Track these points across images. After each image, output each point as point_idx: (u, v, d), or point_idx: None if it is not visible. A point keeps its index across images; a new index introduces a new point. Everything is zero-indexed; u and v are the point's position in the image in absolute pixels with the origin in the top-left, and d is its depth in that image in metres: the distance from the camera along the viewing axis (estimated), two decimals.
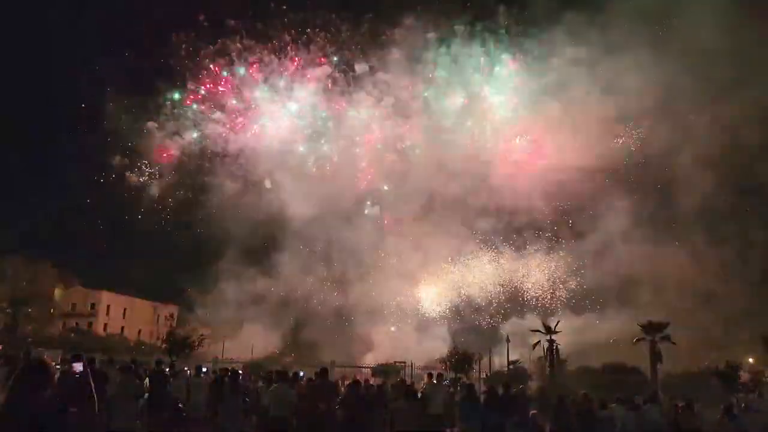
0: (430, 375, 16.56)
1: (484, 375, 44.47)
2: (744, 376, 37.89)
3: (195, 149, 65.34)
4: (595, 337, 50.81)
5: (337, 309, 63.08)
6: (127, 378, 12.54)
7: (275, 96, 65.74)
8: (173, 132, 64.33)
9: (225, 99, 65.86)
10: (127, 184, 64.12)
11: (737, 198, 55.74)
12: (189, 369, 20.68)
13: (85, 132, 67.39)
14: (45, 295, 57.95)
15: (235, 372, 14.96)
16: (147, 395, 13.33)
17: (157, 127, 63.62)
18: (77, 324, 61.71)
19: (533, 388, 33.43)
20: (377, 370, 45.25)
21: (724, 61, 54.41)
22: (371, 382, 22.14)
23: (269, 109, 65.80)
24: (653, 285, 55.89)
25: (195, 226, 62.51)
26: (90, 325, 63.84)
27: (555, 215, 63.57)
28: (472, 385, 15.65)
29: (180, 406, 13.97)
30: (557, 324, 46.22)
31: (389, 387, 17.30)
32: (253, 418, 13.94)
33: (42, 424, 3.83)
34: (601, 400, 15.55)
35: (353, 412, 12.31)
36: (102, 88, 62.26)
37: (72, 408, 4.14)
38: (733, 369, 35.49)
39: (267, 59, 64.91)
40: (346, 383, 17.99)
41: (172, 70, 64.06)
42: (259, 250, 63.01)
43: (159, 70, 63.38)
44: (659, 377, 39.14)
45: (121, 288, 68.87)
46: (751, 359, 45.71)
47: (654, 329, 41.18)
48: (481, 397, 14.89)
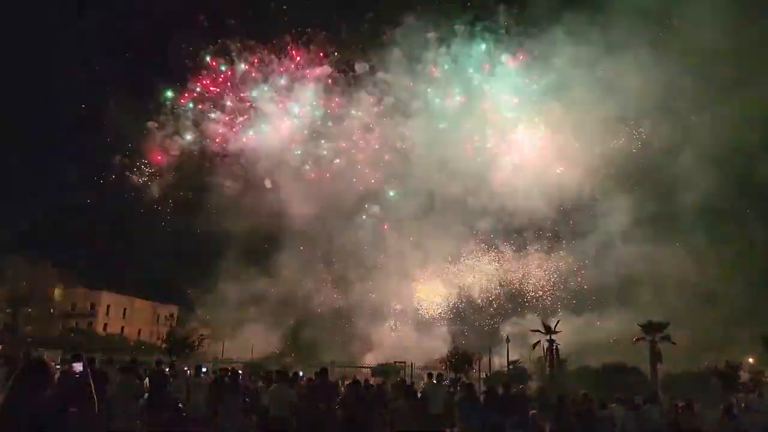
0: (430, 375, 16.58)
1: (484, 375, 44.46)
2: (744, 376, 37.87)
3: (195, 149, 65.44)
4: (595, 337, 50.82)
5: (337, 309, 63.20)
6: (127, 378, 12.53)
7: (275, 96, 65.83)
8: (173, 132, 64.45)
9: (225, 99, 65.96)
10: (127, 184, 64.22)
11: (738, 198, 55.84)
12: (189, 369, 20.70)
13: (85, 132, 67.42)
14: (45, 295, 57.91)
15: (235, 372, 14.97)
16: (147, 395, 13.32)
17: (157, 127, 63.72)
18: (77, 324, 61.69)
19: (533, 388, 33.44)
20: (377, 370, 45.25)
21: (725, 61, 54.49)
22: (371, 382, 22.11)
23: (269, 109, 65.88)
24: (653, 285, 55.92)
25: (195, 226, 62.50)
26: (90, 325, 63.80)
27: (555, 215, 63.72)
28: (471, 385, 15.63)
29: (180, 406, 13.97)
30: (557, 324, 46.25)
31: (389, 387, 17.30)
32: (253, 418, 13.93)
33: (42, 424, 3.83)
34: (601, 400, 15.56)
35: (353, 412, 12.31)
36: (102, 88, 62.29)
37: (72, 408, 4.14)
38: (733, 369, 35.47)
39: (267, 59, 65.03)
40: (346, 383, 17.98)
41: (172, 70, 64.23)
42: (259, 250, 63.09)
43: (159, 69, 63.47)
44: (659, 377, 39.17)
45: (121, 288, 68.89)
46: (751, 359, 45.68)
47: (654, 329, 41.21)
48: (481, 397, 14.88)
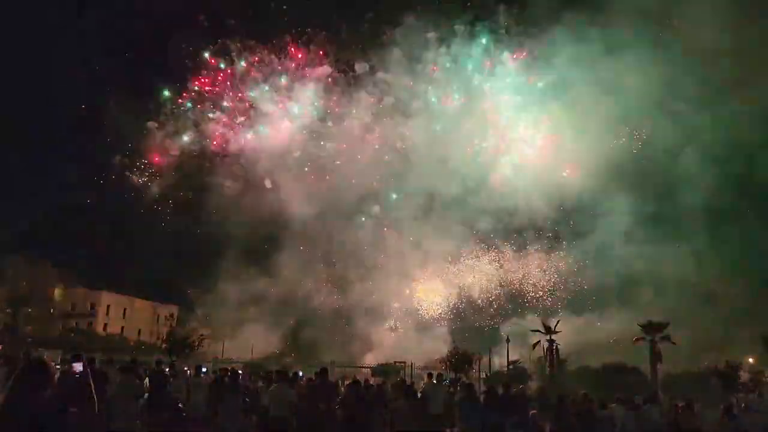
0: (430, 375, 16.58)
1: (484, 375, 44.48)
2: (744, 376, 37.88)
3: (195, 149, 65.42)
4: (595, 337, 50.86)
5: (337, 309, 63.16)
6: (127, 378, 12.53)
7: (275, 96, 65.81)
8: (173, 132, 64.42)
9: (225, 99, 65.94)
10: (127, 184, 64.19)
11: (738, 198, 55.84)
12: (189, 369, 20.69)
13: (85, 132, 67.41)
14: (45, 295, 57.90)
15: (235, 372, 14.97)
16: (147, 395, 13.32)
17: (157, 127, 63.69)
18: (77, 324, 61.71)
19: (533, 388, 33.45)
20: (377, 370, 45.27)
21: (725, 61, 54.50)
22: (371, 382, 22.12)
23: (269, 109, 65.87)
24: (653, 285, 55.95)
25: (195, 226, 62.50)
26: (90, 325, 63.83)
27: (555, 215, 63.70)
28: (471, 385, 15.63)
29: (180, 406, 13.97)
30: (557, 324, 46.25)
31: (389, 387, 17.29)
32: (253, 418, 13.93)
33: (42, 424, 3.83)
34: (601, 400, 15.56)
35: (353, 412, 12.31)
36: (102, 88, 62.28)
37: (72, 408, 4.14)
38: (733, 369, 35.48)
39: (267, 59, 65.00)
40: (346, 383, 17.98)
41: (172, 70, 64.20)
42: (259, 250, 63.09)
43: (159, 69, 63.47)
44: (659, 377, 39.18)
45: (121, 288, 68.90)
46: (751, 359, 45.68)
47: (654, 329, 41.22)
48: (481, 397, 14.89)
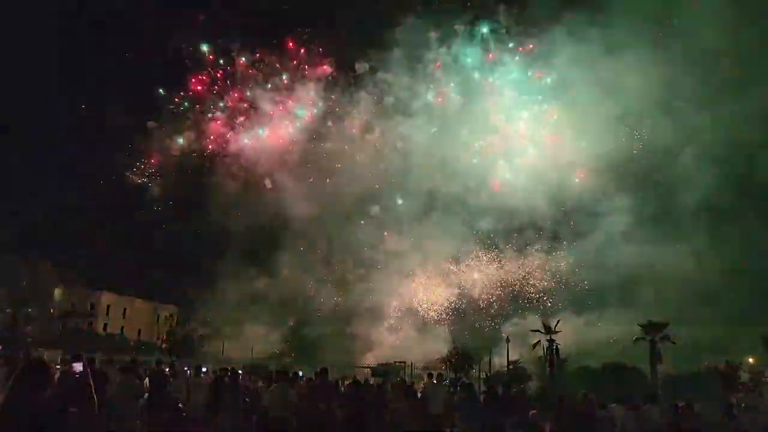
0: (430, 375, 16.58)
1: (484, 375, 44.50)
2: (744, 376, 37.91)
3: (195, 149, 65.45)
4: (595, 337, 50.83)
5: (337, 309, 63.15)
6: (127, 378, 12.54)
7: (275, 96, 65.84)
8: (173, 132, 64.45)
9: (225, 99, 65.98)
10: (127, 184, 64.21)
11: (738, 198, 55.83)
12: (189, 369, 20.68)
13: (85, 132, 67.39)
14: (45, 295, 57.89)
15: (235, 372, 14.96)
16: (147, 395, 13.32)
17: (157, 127, 63.72)
18: (77, 324, 61.67)
19: (533, 388, 33.50)
20: (377, 370, 45.29)
21: (726, 61, 54.51)
22: (371, 382, 22.12)
23: (269, 109, 65.90)
24: (653, 285, 55.90)
25: (195, 226, 62.50)
26: (90, 325, 63.78)
27: (555, 215, 63.67)
28: (471, 385, 15.65)
29: (180, 406, 13.96)
30: (557, 324, 46.23)
31: (389, 387, 17.30)
32: (253, 418, 13.93)
33: (42, 424, 3.83)
34: (601, 400, 15.55)
35: (353, 412, 12.30)
36: (102, 88, 62.29)
37: (72, 408, 4.13)
38: (733, 369, 35.52)
39: (267, 59, 65.04)
40: (346, 383, 17.98)
41: (172, 69, 64.24)
42: (259, 250, 63.10)
43: (159, 69, 63.48)
44: (659, 377, 39.18)
45: (121, 288, 68.87)
46: (751, 359, 45.68)
47: (654, 329, 41.22)
48: (481, 397, 14.89)
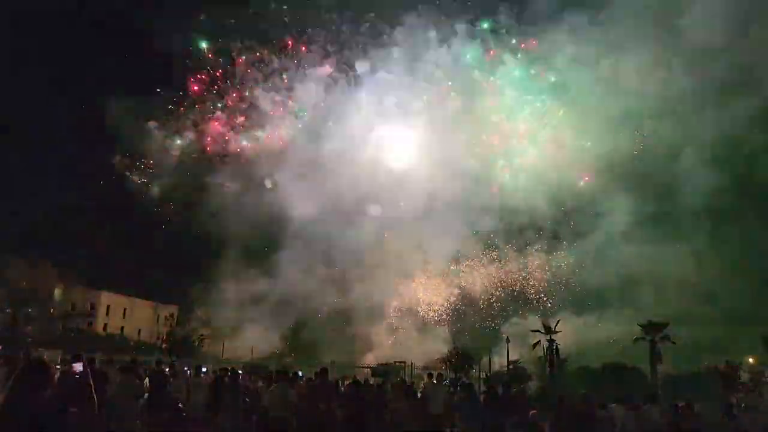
0: (430, 375, 16.59)
1: (484, 375, 44.49)
2: (744, 376, 37.91)
3: (195, 149, 65.47)
4: (595, 337, 50.83)
5: (337, 309, 63.12)
6: (127, 378, 12.55)
7: (275, 95, 65.85)
8: (173, 132, 64.46)
9: (225, 99, 65.99)
10: (127, 184, 64.22)
11: (738, 198, 55.85)
12: (189, 369, 20.68)
13: (85, 132, 67.38)
14: (45, 295, 57.88)
15: (235, 372, 14.96)
16: (147, 395, 13.32)
17: (157, 127, 63.73)
18: (77, 324, 61.65)
19: (533, 388, 33.51)
20: (377, 370, 45.27)
21: (726, 61, 54.54)
22: (371, 382, 22.12)
23: (269, 109, 65.91)
24: (653, 285, 55.91)
25: (195, 226, 62.49)
26: (90, 325, 63.78)
27: (556, 215, 63.66)
28: (471, 385, 15.66)
29: (180, 406, 13.96)
30: (557, 324, 46.23)
31: (389, 387, 17.30)
32: (253, 418, 13.93)
33: (42, 424, 3.83)
34: (601, 400, 15.55)
35: (353, 412, 12.30)
36: (102, 87, 62.30)
37: (72, 408, 4.14)
38: (733, 369, 35.53)
39: (267, 59, 65.05)
40: (346, 383, 17.98)
41: (172, 69, 64.20)
42: (259, 250, 63.08)
43: (159, 69, 63.48)
44: (659, 377, 39.18)
45: (121, 288, 68.85)
46: (751, 359, 45.68)
47: (654, 329, 41.22)
48: (481, 397, 14.89)
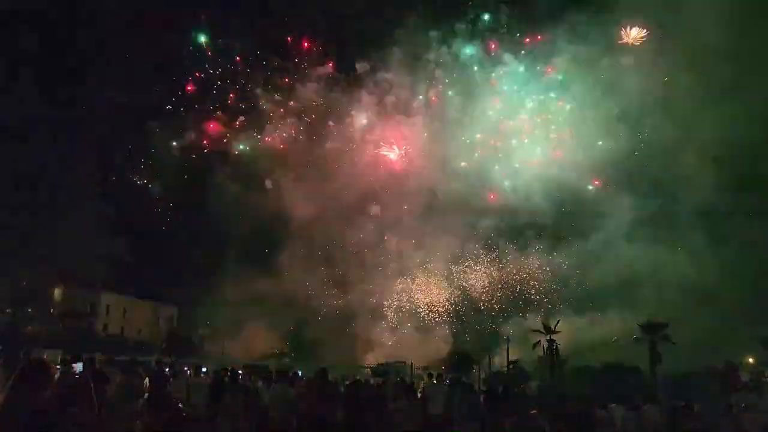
0: (430, 375, 16.59)
1: (484, 375, 44.50)
2: (744, 376, 37.90)
3: (195, 149, 65.48)
4: (595, 337, 50.82)
5: (338, 309, 63.12)
6: (127, 378, 12.54)
7: (276, 95, 65.88)
8: (173, 132, 64.47)
9: (225, 99, 66.02)
10: (127, 184, 64.25)
11: (738, 198, 55.83)
12: (189, 369, 20.67)
13: (86, 132, 67.38)
14: (45, 295, 57.92)
15: (235, 372, 14.95)
16: (147, 395, 13.31)
17: (157, 127, 63.75)
18: (77, 324, 61.62)
19: (533, 388, 33.49)
20: (377, 370, 45.25)
21: (726, 60, 54.50)
22: (371, 382, 22.11)
23: (269, 109, 65.94)
24: (654, 285, 55.89)
25: (195, 226, 62.49)
26: (90, 325, 63.76)
27: (556, 215, 63.63)
28: (471, 385, 15.67)
29: (180, 406, 13.96)
30: (557, 324, 46.24)
31: (389, 387, 17.29)
32: (253, 418, 13.91)
33: (42, 424, 3.83)
34: (601, 400, 15.56)
35: (353, 412, 12.29)
36: (102, 87, 62.29)
37: (72, 408, 4.14)
38: (733, 369, 35.51)
39: (267, 59, 65.08)
40: (346, 383, 17.97)
41: (172, 69, 64.23)
42: (260, 250, 63.08)
43: (159, 69, 63.45)
44: (659, 377, 39.17)
45: (121, 288, 68.81)
46: (751, 359, 45.69)
47: (654, 329, 41.22)
48: (481, 397, 14.89)
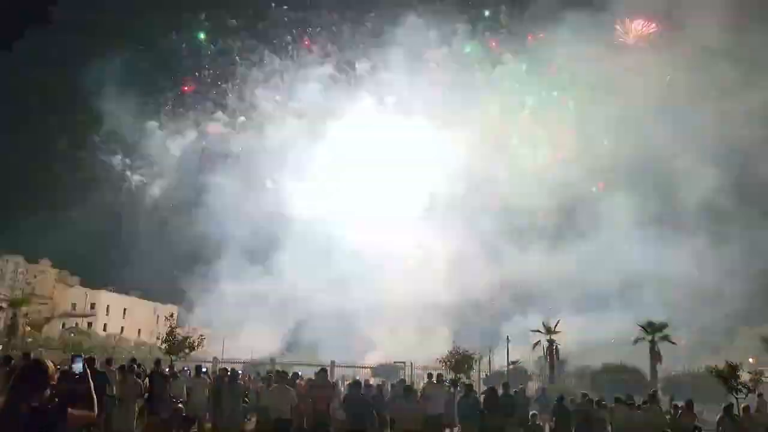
0: (430, 375, 16.56)
1: (484, 375, 44.45)
2: (744, 376, 37.81)
3: (195, 149, 65.56)
4: (595, 337, 50.82)
5: (338, 309, 63.11)
6: (127, 378, 12.54)
7: (276, 95, 65.94)
8: (173, 132, 64.57)
9: (225, 99, 66.07)
10: (127, 184, 64.32)
11: (738, 198, 55.87)
12: (189, 369, 20.67)
13: (85, 132, 67.50)
14: (45, 295, 57.97)
15: (235, 372, 14.95)
16: (147, 395, 13.32)
17: (158, 127, 63.84)
18: (77, 324, 61.69)
19: (533, 388, 33.45)
20: (377, 370, 45.22)
21: (727, 61, 54.56)
22: (371, 382, 22.11)
23: (269, 109, 65.99)
24: (654, 285, 55.92)
25: (195, 226, 62.56)
26: (90, 325, 63.82)
27: (557, 215, 63.65)
28: (471, 385, 15.64)
29: (180, 406, 13.96)
30: (557, 324, 46.22)
31: (389, 387, 17.29)
32: (253, 418, 13.92)
33: (42, 424, 3.83)
34: (601, 400, 15.56)
35: (353, 412, 12.30)
36: (102, 87, 62.38)
37: (72, 408, 4.13)
38: (733, 369, 35.41)
39: (267, 59, 65.14)
40: (346, 383, 17.97)
41: (172, 69, 64.32)
42: (260, 250, 63.15)
43: (159, 69, 63.54)
44: (659, 377, 39.15)
45: (121, 288, 68.91)
46: (751, 359, 45.63)
47: (654, 329, 41.18)
48: (481, 397, 14.88)
